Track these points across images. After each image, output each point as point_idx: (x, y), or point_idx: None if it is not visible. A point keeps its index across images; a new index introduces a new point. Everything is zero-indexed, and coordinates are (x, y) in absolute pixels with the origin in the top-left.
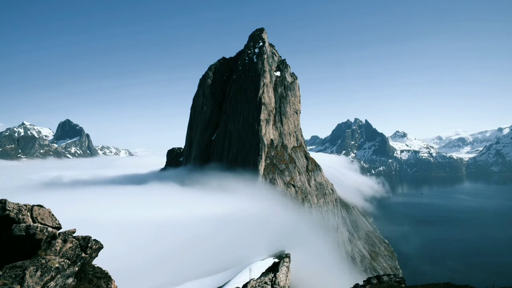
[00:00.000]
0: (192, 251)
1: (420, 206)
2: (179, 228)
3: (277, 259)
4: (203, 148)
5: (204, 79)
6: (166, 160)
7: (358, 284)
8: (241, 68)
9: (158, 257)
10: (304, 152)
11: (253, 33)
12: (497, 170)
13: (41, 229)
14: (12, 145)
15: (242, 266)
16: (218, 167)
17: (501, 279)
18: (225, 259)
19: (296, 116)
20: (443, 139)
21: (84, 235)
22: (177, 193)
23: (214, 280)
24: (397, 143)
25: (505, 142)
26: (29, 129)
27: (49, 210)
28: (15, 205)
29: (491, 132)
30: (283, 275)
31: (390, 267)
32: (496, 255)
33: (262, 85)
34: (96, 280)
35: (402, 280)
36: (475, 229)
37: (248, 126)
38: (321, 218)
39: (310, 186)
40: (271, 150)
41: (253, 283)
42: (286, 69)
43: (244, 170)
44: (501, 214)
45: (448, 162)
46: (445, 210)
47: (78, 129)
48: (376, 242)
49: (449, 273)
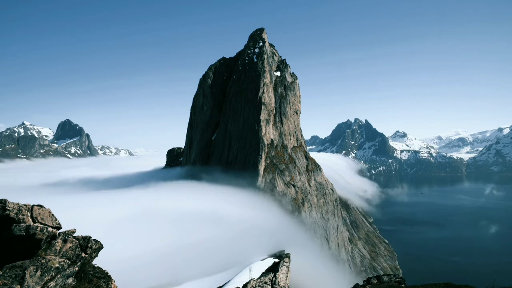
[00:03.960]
0: (192, 251)
1: (420, 206)
2: (179, 228)
3: (277, 259)
4: (203, 148)
5: (204, 79)
6: (166, 160)
7: (358, 284)
8: (241, 68)
9: (158, 257)
10: (304, 152)
11: (253, 33)
12: (497, 170)
13: (41, 229)
14: (12, 145)
15: (242, 266)
16: (218, 167)
17: (501, 279)
18: (225, 259)
19: (296, 116)
20: (443, 139)
21: (84, 235)
22: (177, 193)
23: (214, 280)
24: (397, 143)
25: (505, 142)
26: (29, 129)
27: (49, 210)
28: (15, 205)
29: (491, 132)
30: (283, 275)
31: (390, 267)
32: (496, 255)
33: (262, 85)
34: (96, 280)
35: (402, 280)
36: (475, 229)
37: (248, 126)
38: (320, 218)
39: (310, 186)
40: (271, 150)
41: (253, 283)
42: (286, 69)
43: (244, 170)
44: (501, 214)
45: (448, 162)
46: (445, 210)
47: (78, 129)
48: (376, 242)
49: (449, 273)
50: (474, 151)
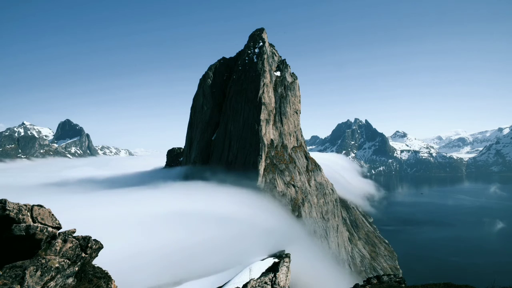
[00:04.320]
0: (192, 251)
1: (420, 206)
2: (179, 228)
3: (277, 259)
4: (203, 148)
5: (204, 79)
6: (166, 160)
7: (358, 284)
8: (241, 68)
9: (158, 257)
10: (304, 152)
11: (253, 33)
12: (497, 170)
13: (41, 229)
14: (12, 145)
15: (242, 266)
16: (217, 167)
17: (501, 279)
18: (225, 259)
19: (296, 116)
20: (443, 139)
21: (84, 235)
22: (176, 193)
23: (214, 280)
24: (397, 143)
25: (505, 142)
26: (29, 129)
27: (49, 210)
28: (15, 205)
29: (491, 132)
30: (283, 275)
31: (390, 267)
32: (496, 255)
33: (262, 85)
34: (96, 280)
35: (402, 280)
36: (475, 229)
37: (248, 126)
38: (320, 218)
39: (310, 186)
40: (271, 150)
41: (253, 283)
42: (286, 69)
43: (244, 170)
44: (501, 214)
45: (448, 162)
46: (445, 210)
47: (78, 129)
48: (376, 242)
49: (449, 273)
50: (474, 151)
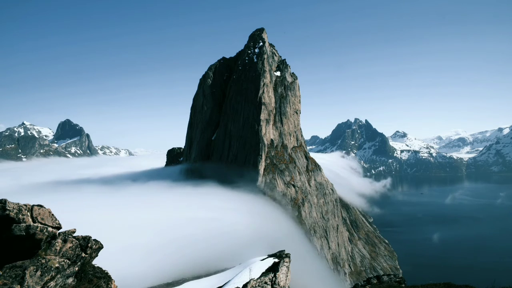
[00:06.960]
0: (192, 251)
1: (420, 206)
2: (179, 228)
3: (277, 259)
4: (203, 148)
5: (204, 79)
6: (166, 160)
7: (358, 284)
8: (241, 68)
9: (158, 257)
10: (304, 152)
11: (253, 33)
12: (497, 170)
13: (41, 229)
14: (12, 145)
15: (242, 266)
16: (218, 167)
17: (501, 279)
18: (225, 259)
19: (296, 116)
20: (443, 139)
21: (84, 235)
22: (176, 192)
23: (214, 280)
24: (397, 143)
25: (505, 142)
26: (29, 129)
27: (49, 210)
28: (15, 205)
29: (491, 132)
30: (283, 275)
31: (390, 267)
32: (496, 255)
33: (262, 85)
34: (96, 280)
35: (402, 280)
36: (475, 229)
37: (248, 126)
38: (320, 218)
39: (310, 186)
40: (271, 150)
41: (253, 283)
42: (286, 69)
43: (244, 170)
44: (501, 214)
45: (448, 162)
46: (445, 210)
47: (78, 129)
48: (376, 242)
49: (449, 273)
50: (474, 151)
